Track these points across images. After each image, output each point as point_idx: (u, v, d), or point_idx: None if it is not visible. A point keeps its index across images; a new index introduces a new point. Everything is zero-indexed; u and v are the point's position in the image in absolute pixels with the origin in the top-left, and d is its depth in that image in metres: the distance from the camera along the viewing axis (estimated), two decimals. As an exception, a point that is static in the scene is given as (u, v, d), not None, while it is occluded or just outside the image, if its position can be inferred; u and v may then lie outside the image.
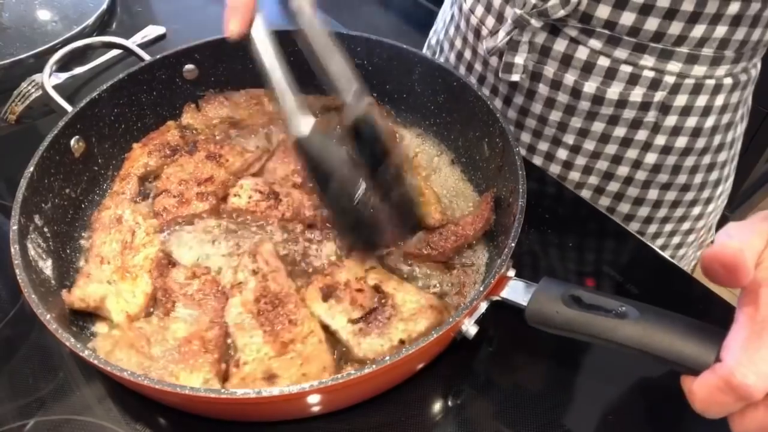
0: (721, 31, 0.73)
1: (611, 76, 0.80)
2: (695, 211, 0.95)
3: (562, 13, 0.76)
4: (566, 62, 0.82)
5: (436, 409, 0.64)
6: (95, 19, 1.12)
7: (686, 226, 0.96)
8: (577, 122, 0.86)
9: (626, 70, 0.79)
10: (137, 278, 0.68)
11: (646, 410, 0.64)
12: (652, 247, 0.79)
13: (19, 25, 1.10)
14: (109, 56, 1.04)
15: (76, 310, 0.66)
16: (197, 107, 0.89)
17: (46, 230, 0.69)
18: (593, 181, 0.92)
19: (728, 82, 0.80)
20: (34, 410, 0.62)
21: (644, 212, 0.93)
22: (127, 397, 0.62)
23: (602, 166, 0.89)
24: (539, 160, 0.94)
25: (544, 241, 0.79)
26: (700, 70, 0.77)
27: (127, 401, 0.62)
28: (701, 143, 0.85)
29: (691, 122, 0.82)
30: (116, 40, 0.93)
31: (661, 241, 0.97)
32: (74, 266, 0.72)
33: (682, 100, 0.80)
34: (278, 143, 0.86)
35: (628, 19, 0.74)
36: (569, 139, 0.89)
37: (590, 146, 0.88)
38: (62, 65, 0.91)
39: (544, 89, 0.86)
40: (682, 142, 0.84)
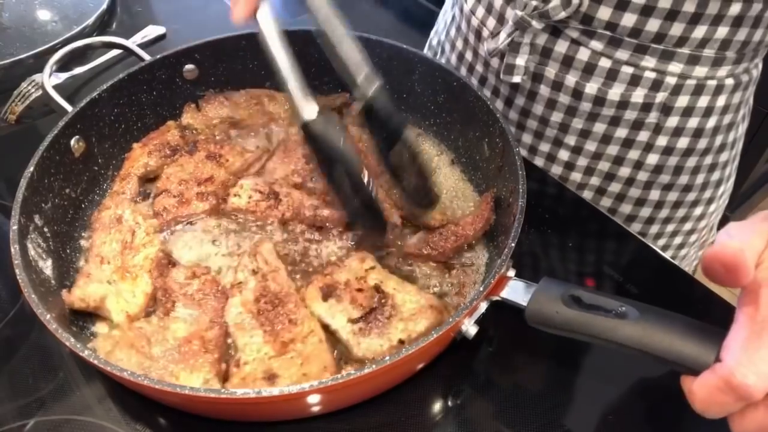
0: (722, 32, 0.73)
1: (612, 77, 0.80)
2: (697, 211, 0.94)
3: (563, 14, 0.76)
4: (567, 63, 0.82)
5: (436, 409, 0.64)
6: (95, 19, 1.12)
7: (688, 226, 0.96)
8: (578, 123, 0.86)
9: (627, 71, 0.79)
10: (137, 278, 0.68)
11: (646, 410, 0.64)
12: (652, 247, 0.79)
13: (19, 25, 1.10)
14: (109, 56, 1.04)
15: (76, 310, 0.66)
16: (197, 107, 0.89)
17: (46, 230, 0.69)
18: (595, 182, 0.92)
19: (730, 82, 0.80)
20: (34, 410, 0.62)
21: (646, 213, 0.93)
22: (127, 397, 0.62)
23: (604, 167, 0.89)
24: (540, 161, 0.94)
25: (544, 241, 0.79)
26: (701, 71, 0.77)
27: (127, 401, 0.62)
28: (703, 144, 0.85)
29: (692, 123, 0.82)
30: (116, 40, 0.93)
31: (663, 241, 0.97)
32: (74, 266, 0.72)
33: (683, 101, 0.80)
34: (278, 143, 0.86)
35: (629, 20, 0.74)
36: (570, 140, 0.89)
37: (592, 147, 0.88)
38: (62, 65, 0.91)
39: (545, 90, 0.86)
40: (683, 142, 0.84)
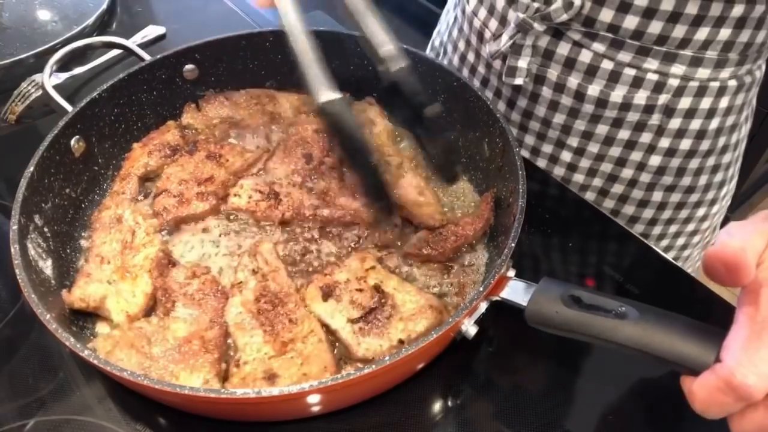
0: (725, 33, 0.73)
1: (615, 79, 0.80)
2: (700, 212, 0.94)
3: (564, 17, 0.76)
4: (569, 65, 0.81)
5: (436, 409, 0.64)
6: (95, 19, 1.12)
7: (691, 227, 0.96)
8: (580, 125, 0.86)
9: (630, 73, 0.78)
10: (137, 278, 0.68)
11: (646, 410, 0.64)
12: (653, 248, 0.79)
13: (19, 25, 1.10)
14: (109, 56, 1.04)
15: (76, 310, 0.66)
16: (197, 107, 0.89)
17: (46, 230, 0.69)
18: (597, 183, 0.92)
19: (732, 84, 0.80)
20: (34, 410, 0.62)
21: (649, 214, 0.93)
22: (127, 397, 0.62)
23: (606, 168, 0.89)
24: (543, 162, 0.94)
25: (544, 241, 0.79)
26: (704, 72, 0.77)
27: (127, 401, 0.62)
28: (705, 145, 0.85)
29: (695, 124, 0.82)
30: (116, 40, 0.93)
31: (665, 242, 0.97)
32: (74, 266, 0.72)
33: (686, 102, 0.80)
34: (278, 143, 0.86)
35: (631, 22, 0.74)
36: (573, 141, 0.89)
37: (594, 149, 0.88)
38: (62, 65, 0.90)
39: (547, 92, 0.86)
40: (686, 144, 0.84)
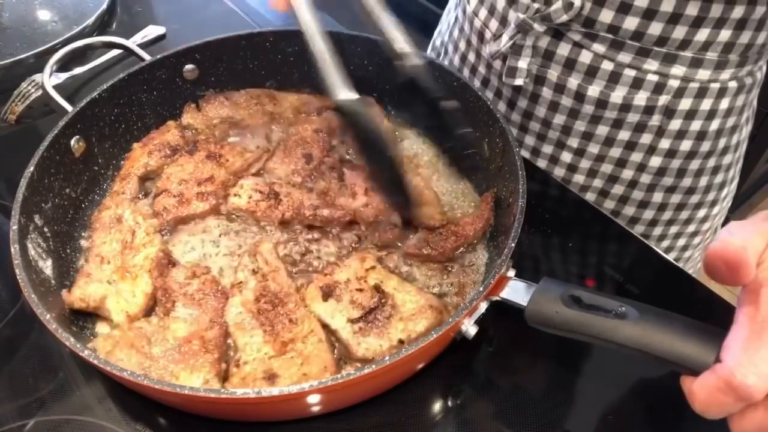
0: (725, 34, 0.73)
1: (615, 80, 0.79)
2: (700, 213, 0.94)
3: (564, 17, 0.76)
4: (570, 66, 0.81)
5: (436, 409, 0.64)
6: (95, 19, 1.12)
7: (691, 228, 0.96)
8: (581, 126, 0.86)
9: (630, 74, 0.78)
10: (137, 278, 0.68)
11: (646, 410, 0.64)
12: (653, 248, 0.79)
13: (19, 25, 1.10)
14: (109, 56, 1.04)
15: (76, 310, 0.66)
16: (197, 107, 0.89)
17: (46, 230, 0.69)
18: (598, 184, 0.91)
19: (733, 85, 0.79)
20: (34, 410, 0.62)
21: (649, 215, 0.93)
22: (127, 397, 0.62)
23: (607, 169, 0.89)
24: (543, 163, 0.94)
25: (544, 242, 0.79)
26: (704, 73, 0.77)
27: (127, 401, 0.62)
28: (706, 146, 0.85)
29: (695, 126, 0.82)
30: (116, 40, 0.93)
31: (666, 243, 0.97)
32: (74, 266, 0.72)
33: (686, 103, 0.80)
34: (278, 143, 0.86)
35: (631, 23, 0.73)
36: (573, 142, 0.89)
37: (594, 149, 0.88)
38: (62, 65, 0.90)
39: (547, 93, 0.86)
40: (686, 145, 0.84)
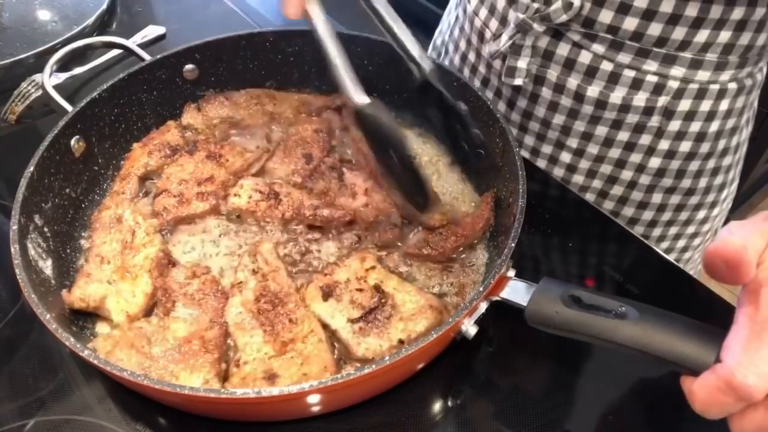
0: (725, 36, 0.73)
1: (614, 80, 0.79)
2: (700, 215, 0.94)
3: (564, 17, 0.76)
4: (569, 66, 0.81)
5: (436, 409, 0.64)
6: (95, 19, 1.12)
7: (691, 229, 0.96)
8: (580, 126, 0.86)
9: (629, 74, 0.78)
10: (137, 278, 0.68)
11: (646, 410, 0.64)
12: (653, 248, 0.79)
13: (19, 25, 1.10)
14: (109, 56, 1.04)
15: (76, 310, 0.66)
16: (197, 107, 0.89)
17: (46, 230, 0.69)
18: (597, 184, 0.91)
19: (733, 87, 0.79)
20: (34, 410, 0.62)
21: (648, 216, 0.93)
22: (127, 397, 0.62)
23: (606, 169, 0.89)
24: (543, 163, 0.94)
25: (545, 242, 0.79)
26: (704, 75, 0.77)
27: (127, 401, 0.62)
28: (705, 148, 0.85)
29: (695, 127, 0.82)
30: (116, 40, 0.93)
31: (665, 244, 0.97)
32: (74, 266, 0.72)
33: (685, 105, 0.79)
34: (278, 143, 0.86)
35: (630, 24, 0.73)
36: (573, 142, 0.89)
37: (594, 150, 0.88)
38: (62, 65, 0.90)
39: (547, 93, 0.86)
40: (686, 146, 0.84)
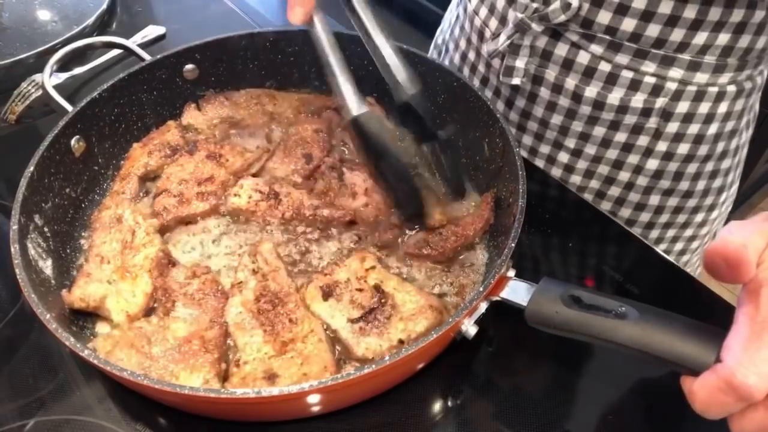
0: (724, 38, 0.72)
1: (612, 81, 0.79)
2: (698, 217, 0.94)
3: (562, 18, 0.76)
4: (567, 67, 0.81)
5: (436, 409, 0.64)
6: (95, 19, 1.12)
7: (689, 232, 0.96)
8: (578, 126, 0.86)
9: (627, 75, 0.78)
10: (137, 278, 0.68)
11: (646, 410, 0.64)
12: (653, 248, 0.79)
13: (19, 25, 1.10)
14: (109, 56, 1.04)
15: (76, 310, 0.66)
16: (197, 107, 0.89)
17: (46, 230, 0.69)
18: (594, 185, 0.91)
19: (732, 89, 0.79)
20: (34, 410, 0.62)
21: (645, 217, 0.92)
22: (127, 397, 0.62)
23: (603, 170, 0.89)
24: (541, 162, 0.94)
25: (544, 242, 0.79)
26: (702, 77, 0.77)
27: (127, 401, 0.62)
28: (704, 150, 0.85)
29: (693, 129, 0.82)
30: (116, 40, 0.93)
31: (663, 246, 0.97)
32: (74, 266, 0.72)
33: (684, 107, 0.79)
34: (278, 143, 0.86)
35: (629, 25, 0.73)
36: (570, 143, 0.89)
37: (591, 150, 0.88)
38: (62, 65, 0.90)
39: (545, 93, 0.86)
40: (684, 148, 0.84)
